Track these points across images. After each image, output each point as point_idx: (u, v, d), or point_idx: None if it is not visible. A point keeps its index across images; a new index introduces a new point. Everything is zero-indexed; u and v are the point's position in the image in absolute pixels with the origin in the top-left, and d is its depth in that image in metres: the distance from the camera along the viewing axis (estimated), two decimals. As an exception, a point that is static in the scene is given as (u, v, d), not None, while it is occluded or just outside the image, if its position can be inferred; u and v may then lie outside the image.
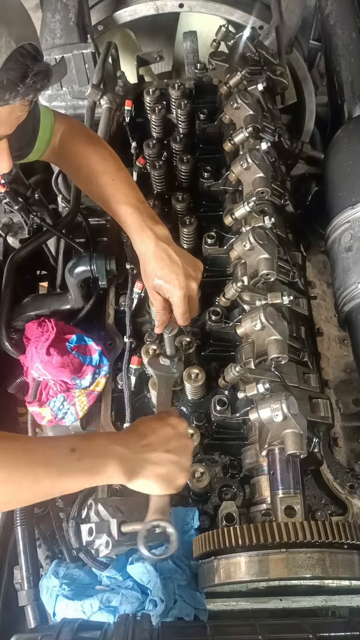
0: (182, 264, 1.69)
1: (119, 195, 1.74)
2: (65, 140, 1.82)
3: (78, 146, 1.81)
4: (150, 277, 1.71)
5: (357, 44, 2.53)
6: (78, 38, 2.39)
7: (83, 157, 1.80)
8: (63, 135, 1.81)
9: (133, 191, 1.77)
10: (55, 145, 1.82)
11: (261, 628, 1.24)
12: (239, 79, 2.13)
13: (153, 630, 1.23)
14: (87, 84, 2.35)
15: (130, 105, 2.29)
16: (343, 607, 1.51)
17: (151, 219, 1.73)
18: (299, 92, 2.90)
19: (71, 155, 1.82)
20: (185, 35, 2.76)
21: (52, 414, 1.78)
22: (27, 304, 1.98)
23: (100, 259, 1.89)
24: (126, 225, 1.73)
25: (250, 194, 1.87)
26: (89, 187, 1.82)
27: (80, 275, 1.90)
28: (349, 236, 1.96)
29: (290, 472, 1.45)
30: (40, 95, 2.41)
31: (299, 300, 1.90)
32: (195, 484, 1.61)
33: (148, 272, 1.72)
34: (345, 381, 2.11)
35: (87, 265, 1.89)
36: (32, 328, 1.84)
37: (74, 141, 1.82)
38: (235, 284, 1.72)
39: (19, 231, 2.27)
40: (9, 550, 1.76)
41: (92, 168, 1.78)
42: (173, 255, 1.69)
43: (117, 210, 1.74)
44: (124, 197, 1.74)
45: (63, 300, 1.97)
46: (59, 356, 1.75)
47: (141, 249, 1.71)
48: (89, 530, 1.47)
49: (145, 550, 1.34)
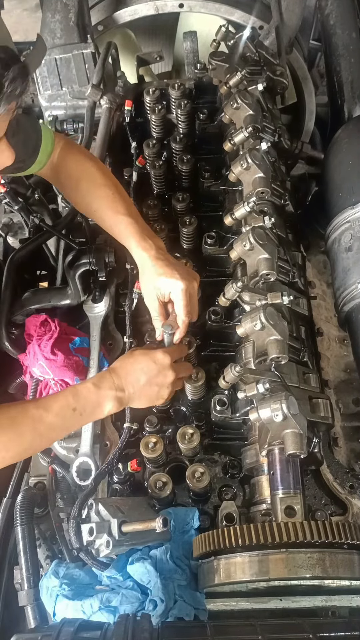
0: (182, 267, 1.77)
1: (120, 207, 1.79)
2: (65, 154, 1.85)
3: (78, 159, 1.85)
4: (150, 278, 1.73)
5: (357, 44, 2.54)
6: (78, 38, 2.39)
7: (84, 170, 1.83)
8: (62, 149, 1.85)
9: (132, 206, 1.85)
10: (54, 159, 1.85)
11: (261, 628, 1.24)
12: (239, 79, 2.13)
13: (153, 630, 1.23)
14: (87, 84, 2.35)
15: (130, 105, 2.29)
16: (343, 607, 1.50)
17: (150, 231, 1.81)
18: (299, 92, 2.91)
19: (71, 167, 1.84)
20: (185, 35, 2.77)
21: (52, 414, 1.78)
22: (28, 298, 1.98)
23: (99, 251, 1.91)
24: (126, 234, 1.77)
25: (250, 194, 1.87)
26: (88, 199, 1.84)
27: (80, 267, 1.90)
28: (349, 236, 1.96)
29: (290, 472, 1.45)
30: (40, 96, 2.42)
31: (299, 300, 1.90)
32: (195, 484, 1.61)
33: (147, 274, 1.74)
34: (345, 381, 2.11)
35: (86, 257, 1.91)
36: (32, 323, 1.85)
37: (74, 154, 1.86)
38: (235, 284, 1.72)
39: (19, 231, 2.27)
40: (9, 550, 1.76)
41: (93, 180, 1.82)
42: (172, 259, 1.77)
43: (116, 220, 1.78)
44: (124, 209, 1.79)
45: (63, 294, 1.98)
46: (63, 356, 1.76)
47: (141, 255, 1.75)
48: (89, 530, 1.47)
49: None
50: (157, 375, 1.64)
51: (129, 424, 1.71)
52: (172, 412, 1.84)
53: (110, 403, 1.58)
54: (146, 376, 1.63)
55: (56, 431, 1.54)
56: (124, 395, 1.60)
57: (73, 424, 1.57)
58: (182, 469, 1.67)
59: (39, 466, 1.83)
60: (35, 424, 1.48)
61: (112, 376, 1.61)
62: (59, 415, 1.51)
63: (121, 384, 1.60)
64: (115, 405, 1.59)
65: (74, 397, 1.55)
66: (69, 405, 1.53)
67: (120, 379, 1.61)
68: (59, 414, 1.51)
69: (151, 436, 1.69)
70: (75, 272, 1.92)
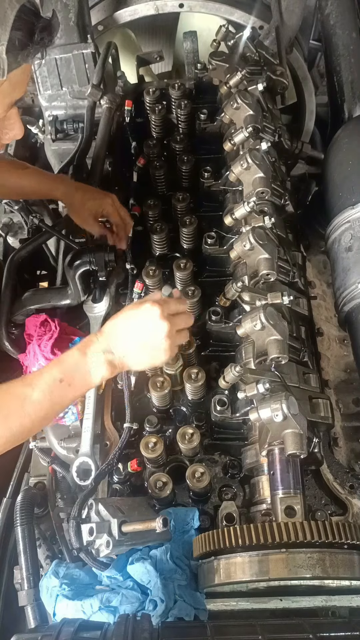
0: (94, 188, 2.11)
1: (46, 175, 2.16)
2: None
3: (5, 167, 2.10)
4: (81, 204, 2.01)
5: (357, 44, 2.53)
6: (78, 38, 2.39)
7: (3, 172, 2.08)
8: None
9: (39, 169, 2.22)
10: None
11: (261, 628, 1.24)
12: (239, 79, 2.14)
13: (153, 630, 1.23)
14: (87, 84, 2.35)
15: (130, 105, 2.29)
16: (343, 607, 1.50)
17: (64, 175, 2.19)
18: (299, 92, 2.91)
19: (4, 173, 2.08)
20: (185, 35, 2.77)
21: (52, 413, 1.78)
22: (28, 298, 1.99)
23: (99, 250, 1.92)
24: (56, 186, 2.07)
25: (250, 194, 1.87)
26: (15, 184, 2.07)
27: (80, 267, 1.91)
28: (349, 236, 1.96)
29: (290, 472, 1.45)
30: (40, 96, 2.42)
31: (299, 300, 1.90)
32: (195, 484, 1.61)
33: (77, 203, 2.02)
34: (345, 381, 2.11)
35: (86, 257, 1.91)
36: (32, 323, 1.85)
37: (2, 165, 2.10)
38: (235, 284, 1.72)
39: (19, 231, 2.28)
40: (9, 550, 1.76)
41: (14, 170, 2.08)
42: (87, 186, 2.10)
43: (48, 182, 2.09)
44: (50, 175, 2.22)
45: (63, 294, 1.98)
46: (63, 355, 1.76)
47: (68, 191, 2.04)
48: (89, 530, 1.47)
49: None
50: (148, 329, 1.48)
51: (129, 424, 1.71)
52: (172, 412, 1.84)
53: (100, 368, 1.45)
54: (136, 332, 1.48)
55: (45, 408, 1.40)
56: (114, 357, 1.47)
57: (63, 398, 1.44)
58: (182, 469, 1.67)
59: (39, 466, 1.83)
60: (21, 403, 1.37)
61: (99, 338, 1.49)
62: (45, 390, 1.39)
63: (108, 345, 1.47)
64: (107, 369, 1.46)
65: (59, 368, 1.44)
66: (55, 378, 1.41)
67: (107, 339, 1.48)
68: (46, 389, 1.39)
69: (151, 436, 1.69)
70: (75, 272, 1.92)
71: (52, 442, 1.78)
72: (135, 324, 1.49)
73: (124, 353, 1.48)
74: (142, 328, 1.48)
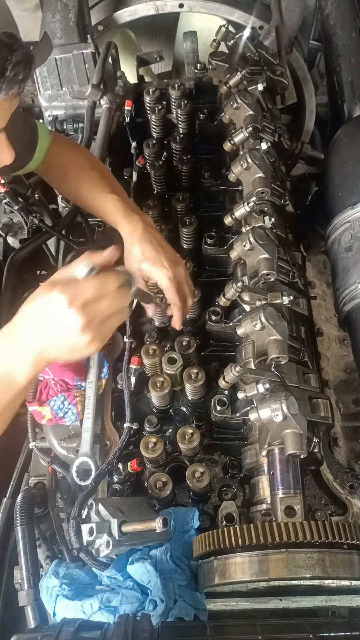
0: (168, 249, 1.73)
1: (107, 187, 1.82)
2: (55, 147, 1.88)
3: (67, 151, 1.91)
4: (135, 260, 1.68)
5: (357, 44, 2.54)
6: (78, 38, 2.39)
7: (73, 159, 1.88)
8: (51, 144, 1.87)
9: (118, 184, 1.88)
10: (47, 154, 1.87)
11: (261, 628, 1.24)
12: (239, 79, 2.13)
13: (153, 630, 1.23)
14: (87, 84, 2.35)
15: (130, 105, 2.29)
16: (343, 607, 1.50)
17: (137, 208, 1.82)
18: (299, 92, 2.91)
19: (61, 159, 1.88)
20: (185, 35, 2.77)
21: (53, 413, 1.78)
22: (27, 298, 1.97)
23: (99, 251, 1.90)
24: (114, 211, 1.75)
25: (250, 194, 1.87)
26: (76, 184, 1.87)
27: None
28: (349, 236, 1.96)
29: (290, 472, 1.45)
30: (40, 96, 2.42)
31: (299, 300, 1.90)
32: (195, 484, 1.61)
33: (133, 255, 1.69)
34: (345, 381, 2.11)
35: None
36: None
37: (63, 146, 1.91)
38: (235, 284, 1.72)
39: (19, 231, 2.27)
40: (9, 550, 1.76)
41: (81, 167, 1.87)
42: (160, 239, 1.72)
43: (104, 199, 1.78)
44: (111, 188, 1.82)
45: None
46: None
47: (129, 230, 1.71)
48: (89, 530, 1.47)
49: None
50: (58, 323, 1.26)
51: (129, 424, 1.71)
52: (172, 412, 1.84)
53: (19, 364, 1.26)
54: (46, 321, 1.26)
55: None
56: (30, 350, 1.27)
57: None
58: (182, 469, 1.67)
59: (39, 466, 1.83)
60: None
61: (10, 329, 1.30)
62: None
63: (21, 335, 1.28)
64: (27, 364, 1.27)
65: None
66: None
67: (19, 329, 1.29)
68: None
69: (151, 436, 1.69)
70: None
71: (52, 442, 1.78)
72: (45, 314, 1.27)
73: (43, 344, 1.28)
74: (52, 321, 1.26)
